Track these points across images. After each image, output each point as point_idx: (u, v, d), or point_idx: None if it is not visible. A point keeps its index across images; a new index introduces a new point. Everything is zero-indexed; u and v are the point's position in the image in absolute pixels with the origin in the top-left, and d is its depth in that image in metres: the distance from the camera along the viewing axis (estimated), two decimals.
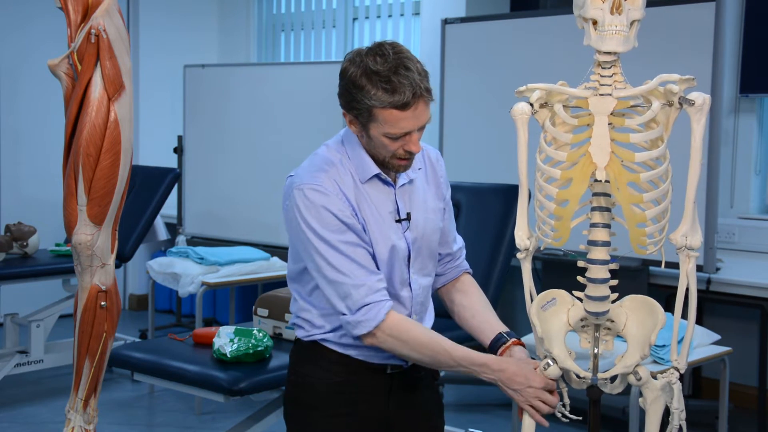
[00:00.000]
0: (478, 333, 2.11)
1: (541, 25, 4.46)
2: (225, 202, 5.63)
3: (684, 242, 1.79)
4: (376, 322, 1.90)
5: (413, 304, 2.05)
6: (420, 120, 1.89)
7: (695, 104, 1.72)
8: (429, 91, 1.89)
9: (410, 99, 1.85)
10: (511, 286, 5.05)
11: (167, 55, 6.47)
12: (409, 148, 1.91)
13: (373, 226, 1.96)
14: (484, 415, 4.37)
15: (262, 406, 2.95)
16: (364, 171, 1.98)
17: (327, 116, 5.05)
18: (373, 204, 1.98)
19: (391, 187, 2.01)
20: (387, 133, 1.89)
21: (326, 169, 1.96)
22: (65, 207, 2.51)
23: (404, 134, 1.90)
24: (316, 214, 1.91)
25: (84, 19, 2.47)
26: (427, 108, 1.90)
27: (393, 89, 1.84)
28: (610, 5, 1.70)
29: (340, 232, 1.91)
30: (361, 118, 1.90)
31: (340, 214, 1.91)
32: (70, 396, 2.64)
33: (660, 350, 2.94)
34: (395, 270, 2.00)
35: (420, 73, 1.87)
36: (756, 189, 4.58)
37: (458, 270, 2.22)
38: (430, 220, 2.07)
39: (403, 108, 1.85)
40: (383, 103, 1.85)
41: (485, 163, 4.57)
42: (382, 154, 1.94)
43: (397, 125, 1.87)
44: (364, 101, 1.87)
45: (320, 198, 1.91)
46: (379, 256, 1.96)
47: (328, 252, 1.91)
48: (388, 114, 1.86)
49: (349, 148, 2.00)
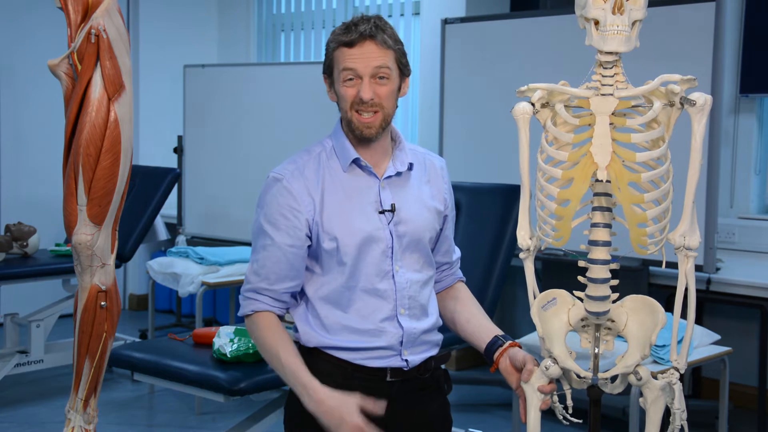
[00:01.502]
0: (474, 338, 2.10)
1: (541, 25, 4.46)
2: (225, 202, 5.63)
3: (682, 242, 1.79)
4: (242, 313, 2.07)
5: (398, 297, 2.01)
6: (369, 61, 1.95)
7: (696, 104, 1.72)
8: (386, 41, 1.97)
9: (356, 37, 1.95)
10: (512, 286, 5.05)
11: (167, 55, 6.47)
12: (361, 94, 1.96)
13: (336, 218, 1.99)
14: (484, 415, 4.37)
15: (262, 406, 2.94)
16: (344, 158, 2.03)
17: (327, 116, 5.04)
18: (348, 194, 2.00)
19: (374, 178, 2.03)
20: (341, 76, 1.97)
21: (297, 161, 2.05)
22: (65, 207, 2.51)
23: (357, 77, 1.96)
24: (268, 199, 2.03)
25: (84, 19, 2.47)
26: (379, 51, 1.96)
27: (346, 29, 1.97)
28: (612, 5, 1.70)
29: (274, 226, 2.00)
30: (328, 70, 2.02)
31: (286, 209, 1.99)
32: (70, 396, 2.64)
33: (660, 350, 2.95)
34: (370, 261, 1.99)
35: (380, 27, 1.98)
36: (756, 189, 4.58)
37: (453, 278, 2.23)
38: (422, 217, 2.06)
39: (350, 45, 1.95)
40: (336, 42, 1.97)
41: (485, 163, 4.57)
42: (344, 108, 2.00)
43: (344, 62, 1.96)
44: (328, 49, 2.00)
45: (276, 186, 2.02)
46: (344, 248, 1.98)
47: (257, 237, 2.04)
48: (339, 53, 1.97)
49: (335, 138, 2.06)
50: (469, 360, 5.11)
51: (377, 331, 2.00)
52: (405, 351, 2.02)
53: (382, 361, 2.01)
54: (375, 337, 2.00)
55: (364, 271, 1.99)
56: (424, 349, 2.07)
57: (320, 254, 2.00)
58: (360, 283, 1.99)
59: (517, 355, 1.98)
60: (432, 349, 2.10)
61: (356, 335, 1.99)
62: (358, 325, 1.99)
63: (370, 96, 1.96)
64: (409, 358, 2.03)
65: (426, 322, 2.07)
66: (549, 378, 1.89)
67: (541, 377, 1.90)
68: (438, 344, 2.12)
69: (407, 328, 2.02)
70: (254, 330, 2.05)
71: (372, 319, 2.00)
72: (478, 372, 5.01)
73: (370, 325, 1.99)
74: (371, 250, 1.99)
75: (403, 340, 2.02)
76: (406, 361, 2.02)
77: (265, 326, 2.02)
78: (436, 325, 2.11)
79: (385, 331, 2.00)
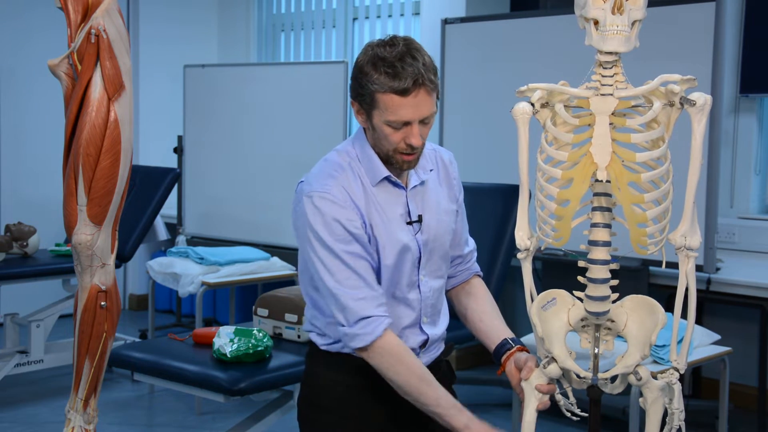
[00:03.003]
0: (485, 337, 2.11)
1: (541, 25, 4.46)
2: (225, 202, 5.63)
3: (683, 242, 1.79)
4: (374, 337, 1.89)
5: (423, 306, 2.04)
6: (420, 110, 1.88)
7: (696, 104, 1.72)
8: (434, 83, 1.89)
9: (410, 85, 1.85)
10: (512, 286, 5.05)
11: (167, 55, 6.47)
12: (410, 140, 1.91)
13: (380, 230, 1.96)
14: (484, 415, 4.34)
15: (262, 406, 2.95)
16: (374, 174, 1.98)
17: (327, 116, 5.06)
18: (382, 207, 1.97)
19: (402, 190, 2.01)
20: (388, 121, 1.89)
21: (335, 175, 1.96)
22: (65, 207, 2.51)
23: (404, 124, 1.89)
24: (323, 223, 1.90)
25: (84, 19, 2.47)
26: (429, 99, 1.89)
27: (395, 74, 1.85)
28: (612, 5, 1.70)
29: (345, 242, 1.91)
30: (365, 105, 1.91)
31: (348, 224, 1.91)
32: (70, 396, 2.65)
33: (660, 350, 2.94)
34: (403, 272, 1.99)
35: (426, 65, 1.88)
36: (756, 189, 4.58)
37: (468, 273, 2.22)
38: (443, 222, 2.07)
39: (403, 94, 1.86)
40: (384, 87, 1.86)
41: (485, 163, 4.57)
42: (385, 147, 1.94)
43: (396, 112, 1.87)
44: (368, 86, 1.88)
45: (328, 206, 1.91)
46: (385, 260, 1.96)
47: (331, 262, 1.90)
48: (389, 99, 1.87)
49: (359, 149, 2.00)
50: (469, 360, 5.11)
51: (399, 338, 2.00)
52: (422, 355, 2.06)
53: None
54: None
55: (397, 281, 1.99)
56: (436, 348, 2.12)
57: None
58: (391, 291, 2.00)
59: (520, 356, 2.00)
60: (441, 344, 2.14)
61: None
62: None
63: (420, 143, 1.92)
64: (424, 359, 2.06)
65: (442, 326, 2.11)
66: (548, 378, 1.89)
67: (540, 376, 1.90)
68: (444, 338, 2.16)
69: (431, 335, 2.06)
70: (394, 355, 1.90)
71: (395, 326, 2.00)
72: (478, 372, 5.01)
73: (395, 331, 1.98)
74: (405, 260, 1.99)
75: (425, 345, 2.05)
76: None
77: (406, 353, 1.92)
78: (447, 324, 2.14)
79: (406, 338, 2.02)
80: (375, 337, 1.89)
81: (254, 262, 4.58)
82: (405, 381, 1.91)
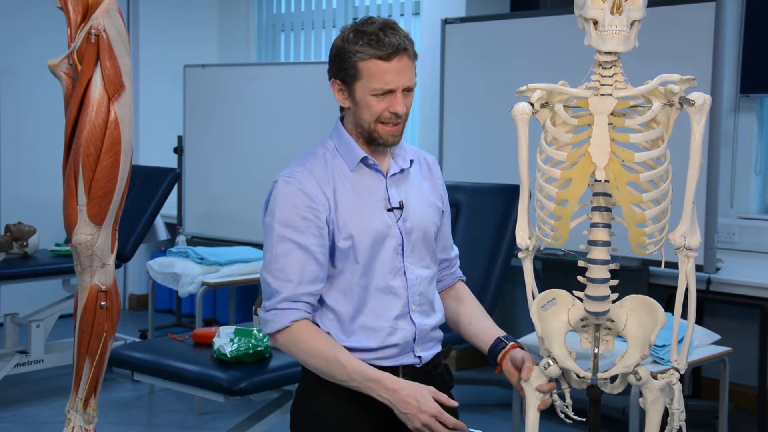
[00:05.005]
0: (477, 339, 2.12)
1: (541, 25, 4.46)
2: (225, 202, 5.63)
3: (683, 242, 1.79)
4: (277, 327, 1.95)
5: (410, 294, 2.03)
6: (404, 75, 1.93)
7: (696, 104, 1.72)
8: (414, 54, 1.95)
9: (393, 51, 1.90)
10: (512, 286, 5.05)
11: (167, 55, 6.47)
12: (395, 108, 1.94)
13: (350, 216, 1.98)
14: (484, 415, 4.37)
15: (262, 406, 2.95)
16: (351, 158, 2.01)
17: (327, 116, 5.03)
18: (358, 193, 2.00)
19: (381, 175, 2.03)
20: (372, 89, 1.92)
21: (305, 163, 2.01)
22: (65, 207, 2.52)
23: (388, 91, 1.92)
24: (281, 206, 1.97)
25: (84, 19, 2.47)
26: (411, 66, 1.95)
27: (378, 41, 1.91)
28: (611, 5, 1.70)
29: (295, 229, 1.95)
30: (347, 78, 1.94)
31: (306, 211, 1.95)
32: (70, 396, 2.65)
33: (660, 350, 2.94)
34: (383, 259, 2.00)
35: (406, 37, 1.94)
36: (756, 189, 4.58)
37: (453, 277, 2.24)
38: (426, 213, 2.08)
39: (387, 59, 1.90)
40: (367, 54, 1.91)
41: (485, 163, 4.57)
42: (367, 119, 1.96)
43: (381, 77, 1.91)
44: (350, 59, 1.92)
45: (289, 189, 1.96)
46: (359, 246, 1.98)
47: (276, 244, 1.97)
48: (373, 65, 1.91)
49: (337, 139, 2.04)
50: (469, 360, 5.11)
51: (391, 329, 2.01)
52: (417, 348, 2.05)
53: (396, 360, 2.03)
54: (390, 335, 2.01)
55: (378, 270, 2.00)
56: (432, 345, 2.11)
57: (335, 254, 2.00)
58: (374, 281, 2.00)
59: (516, 355, 2.00)
60: (438, 344, 2.13)
61: (371, 334, 2.00)
62: (373, 323, 2.00)
63: (404, 111, 1.96)
64: (421, 354, 2.06)
65: (434, 318, 2.10)
66: (548, 377, 1.90)
67: (539, 376, 1.90)
68: (441, 340, 2.15)
69: (419, 325, 2.05)
70: (299, 341, 1.96)
71: (386, 317, 2.01)
72: (478, 372, 5.01)
73: (385, 323, 2.00)
74: (384, 247, 2.00)
75: (416, 336, 2.04)
76: (419, 357, 2.05)
77: (311, 334, 1.97)
78: (441, 321, 2.14)
79: (399, 328, 2.02)
80: (278, 328, 1.95)
81: (254, 262, 4.58)
82: (312, 365, 1.97)
